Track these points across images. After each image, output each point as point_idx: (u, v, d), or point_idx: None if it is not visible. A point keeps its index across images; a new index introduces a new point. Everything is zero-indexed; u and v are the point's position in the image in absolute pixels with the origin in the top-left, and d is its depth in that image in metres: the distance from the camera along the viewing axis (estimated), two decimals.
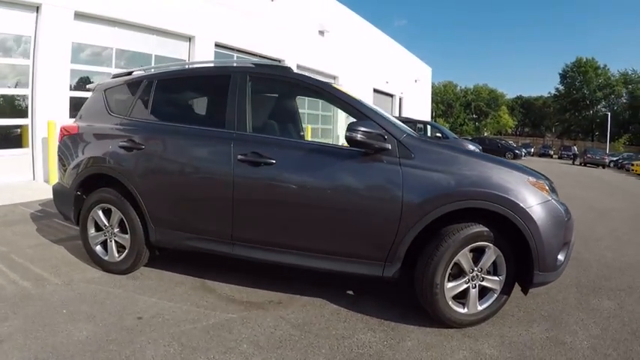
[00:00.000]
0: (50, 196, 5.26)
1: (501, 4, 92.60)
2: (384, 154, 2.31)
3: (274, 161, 2.42)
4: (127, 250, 2.87)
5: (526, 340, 2.29)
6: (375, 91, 19.60)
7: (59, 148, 3.28)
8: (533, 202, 2.26)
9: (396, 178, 2.28)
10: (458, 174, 2.26)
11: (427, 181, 2.26)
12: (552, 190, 2.45)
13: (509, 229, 2.28)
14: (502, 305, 2.43)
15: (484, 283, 2.37)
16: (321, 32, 14.57)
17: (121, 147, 2.83)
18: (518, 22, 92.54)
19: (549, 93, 55.43)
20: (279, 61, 11.88)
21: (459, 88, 59.39)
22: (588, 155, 27.09)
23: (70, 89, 6.95)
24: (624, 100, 47.85)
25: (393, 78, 21.22)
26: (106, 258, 2.95)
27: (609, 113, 38.83)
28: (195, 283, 2.86)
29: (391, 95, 21.87)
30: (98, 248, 2.98)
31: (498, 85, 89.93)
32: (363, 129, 2.24)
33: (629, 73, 47.15)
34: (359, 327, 2.35)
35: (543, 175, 2.51)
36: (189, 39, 9.15)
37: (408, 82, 24.22)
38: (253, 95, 2.71)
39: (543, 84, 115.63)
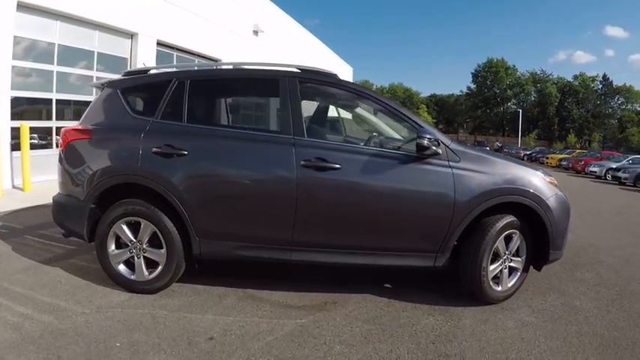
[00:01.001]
0: (4, 209, 4.56)
1: (416, 7, 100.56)
2: (435, 158, 2.63)
3: (339, 166, 2.55)
4: (161, 266, 2.69)
5: (547, 307, 2.82)
6: None
7: (64, 154, 2.88)
8: (549, 194, 2.80)
9: (448, 179, 2.62)
10: (495, 174, 2.70)
11: (473, 181, 2.64)
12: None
13: (529, 217, 2.77)
14: (523, 281, 2.94)
15: (512, 264, 2.85)
16: (256, 32, 14.69)
17: (157, 153, 2.63)
18: (431, 23, 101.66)
19: (461, 91, 62.50)
20: (217, 60, 11.70)
21: (375, 87, 63.35)
22: (505, 150, 31.28)
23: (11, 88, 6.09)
24: (533, 98, 55.50)
25: None
26: (133, 277, 2.72)
27: (520, 110, 44.64)
28: (238, 293, 2.81)
29: None
30: (121, 267, 2.73)
31: (413, 84, 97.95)
32: (428, 136, 2.54)
33: (538, 72, 55.41)
34: (418, 314, 2.64)
35: (547, 173, 3.08)
36: (132, 36, 8.56)
37: None
38: (303, 100, 2.76)
39: (455, 83, 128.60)
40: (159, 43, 9.37)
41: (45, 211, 4.93)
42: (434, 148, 2.58)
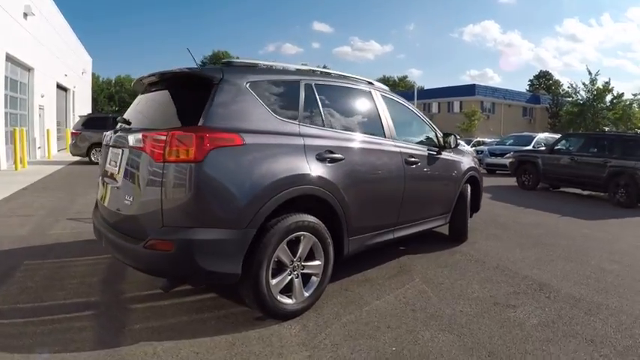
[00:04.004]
0: None
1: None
2: (447, 150, 4.23)
3: (418, 160, 3.71)
4: (318, 279, 2.79)
5: (488, 235, 5.04)
6: (58, 86, 18.44)
7: (205, 169, 2.24)
8: (479, 169, 4.96)
9: (453, 163, 4.31)
10: (465, 159, 4.60)
11: (460, 164, 4.45)
12: None
13: (472, 184, 4.84)
14: None
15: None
16: (26, 15, 12.15)
17: (320, 159, 2.75)
18: (154, 10, 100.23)
19: None
20: None
21: (101, 79, 62.44)
22: None
23: None
24: None
25: (69, 70, 20.37)
26: (292, 301, 2.64)
27: None
28: (347, 282, 3.30)
29: (66, 89, 20.65)
30: (279, 296, 2.58)
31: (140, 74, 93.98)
32: (458, 137, 4.10)
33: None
34: (448, 255, 4.15)
35: None
36: None
37: (78, 74, 23.55)
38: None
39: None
40: None
41: None
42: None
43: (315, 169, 2.68)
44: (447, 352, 2.26)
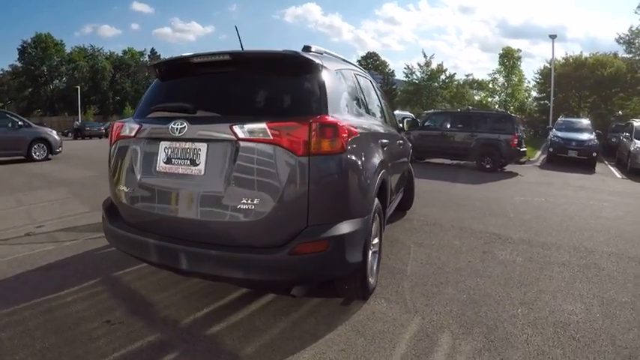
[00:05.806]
0: None
1: None
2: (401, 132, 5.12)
3: (402, 142, 4.50)
4: (377, 255, 3.00)
5: (417, 202, 6.15)
6: None
7: (347, 161, 2.34)
8: None
9: (407, 143, 5.24)
10: (406, 138, 5.58)
11: (408, 143, 5.40)
12: None
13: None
14: None
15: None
16: None
17: (381, 145, 3.18)
18: None
19: (2, 70, 59.16)
20: None
21: None
22: (87, 128, 32.46)
23: None
24: (87, 74, 58.61)
25: None
26: (372, 280, 2.88)
27: (78, 87, 46.84)
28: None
29: None
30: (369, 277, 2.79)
31: None
32: (415, 120, 4.97)
33: (87, 48, 57.57)
34: (407, 222, 5.07)
35: None
36: None
37: None
38: None
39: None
40: None
41: None
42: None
43: (384, 152, 3.14)
44: (496, 289, 3.09)
